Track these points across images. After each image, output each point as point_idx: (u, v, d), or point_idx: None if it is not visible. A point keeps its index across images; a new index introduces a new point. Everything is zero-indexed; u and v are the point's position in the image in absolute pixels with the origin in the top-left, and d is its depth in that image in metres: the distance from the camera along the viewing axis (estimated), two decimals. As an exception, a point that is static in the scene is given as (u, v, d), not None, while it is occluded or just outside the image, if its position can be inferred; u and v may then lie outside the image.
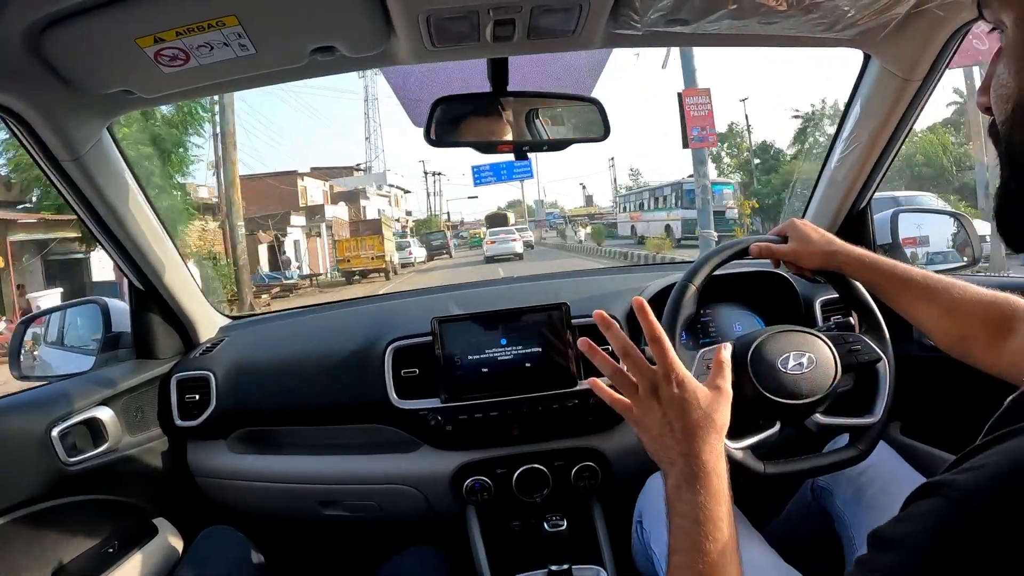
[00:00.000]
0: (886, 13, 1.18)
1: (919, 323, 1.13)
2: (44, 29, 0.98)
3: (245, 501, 1.75)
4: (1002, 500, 0.43)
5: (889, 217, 1.76)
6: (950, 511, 0.46)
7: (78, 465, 1.41)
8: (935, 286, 1.09)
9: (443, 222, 66.02)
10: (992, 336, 1.01)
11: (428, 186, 66.51)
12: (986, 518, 0.43)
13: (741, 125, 37.32)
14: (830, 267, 1.21)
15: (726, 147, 37.07)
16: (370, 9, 1.04)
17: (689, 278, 1.24)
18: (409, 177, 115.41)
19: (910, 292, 1.11)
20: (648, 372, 0.85)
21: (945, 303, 1.07)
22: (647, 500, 1.40)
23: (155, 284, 1.64)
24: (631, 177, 55.65)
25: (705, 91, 14.07)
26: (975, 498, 0.45)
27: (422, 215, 67.72)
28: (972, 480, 0.45)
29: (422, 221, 61.05)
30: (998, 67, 0.57)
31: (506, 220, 49.93)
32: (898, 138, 1.53)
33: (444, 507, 1.65)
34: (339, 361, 1.70)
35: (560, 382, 1.57)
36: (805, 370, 1.17)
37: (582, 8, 1.08)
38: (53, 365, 1.91)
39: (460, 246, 55.79)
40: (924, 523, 0.48)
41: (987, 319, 1.02)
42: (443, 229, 42.41)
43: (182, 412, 1.69)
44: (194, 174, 24.01)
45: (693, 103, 13.78)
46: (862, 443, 1.21)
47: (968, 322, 1.04)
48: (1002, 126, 0.57)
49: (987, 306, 1.03)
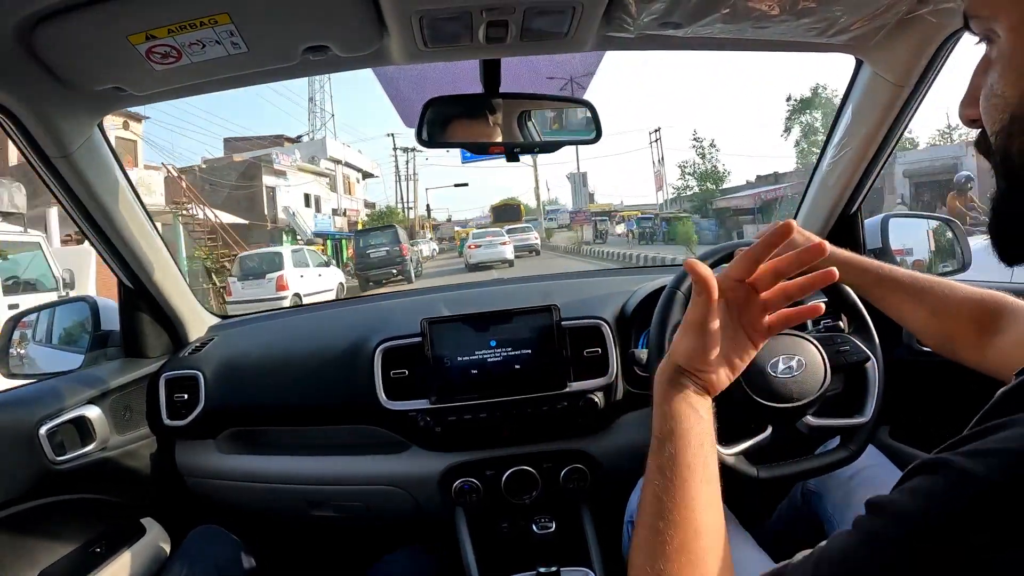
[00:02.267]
0: (878, 19, 1.19)
1: (906, 323, 1.13)
2: (36, 25, 0.98)
3: (233, 501, 1.74)
4: (1007, 486, 0.43)
5: (879, 222, 1.77)
6: (943, 488, 0.46)
7: (66, 464, 1.40)
8: (922, 286, 1.10)
9: (420, 219, 50.20)
10: (979, 334, 1.01)
11: (398, 167, 48.08)
12: (986, 501, 0.44)
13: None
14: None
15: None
16: (363, 9, 1.04)
17: (677, 284, 1.25)
18: (382, 157, 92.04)
19: (897, 293, 1.12)
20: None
21: (932, 303, 1.08)
22: (637, 504, 1.40)
23: (144, 282, 1.64)
24: (695, 150, 37.04)
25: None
26: (974, 481, 0.45)
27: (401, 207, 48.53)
28: (971, 463, 0.46)
29: (380, 215, 42.36)
30: (989, 77, 0.57)
31: (518, 214, 43.89)
32: (889, 144, 1.54)
33: (433, 508, 1.65)
34: (328, 361, 1.70)
35: (550, 384, 1.56)
36: (795, 373, 1.18)
37: (575, 10, 1.08)
38: (41, 363, 1.90)
39: (446, 251, 46.32)
40: (914, 497, 0.48)
41: (974, 317, 1.02)
42: (396, 226, 24.36)
43: (171, 411, 1.68)
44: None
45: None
46: (853, 443, 1.22)
47: (955, 321, 1.05)
48: (996, 136, 0.56)
49: (974, 304, 1.03)
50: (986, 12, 0.56)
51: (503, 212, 44.85)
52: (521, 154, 1.45)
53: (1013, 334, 0.97)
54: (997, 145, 0.56)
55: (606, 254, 27.79)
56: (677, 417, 0.73)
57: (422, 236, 46.24)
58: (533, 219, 45.59)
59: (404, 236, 23.30)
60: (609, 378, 1.58)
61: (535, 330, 1.58)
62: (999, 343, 0.98)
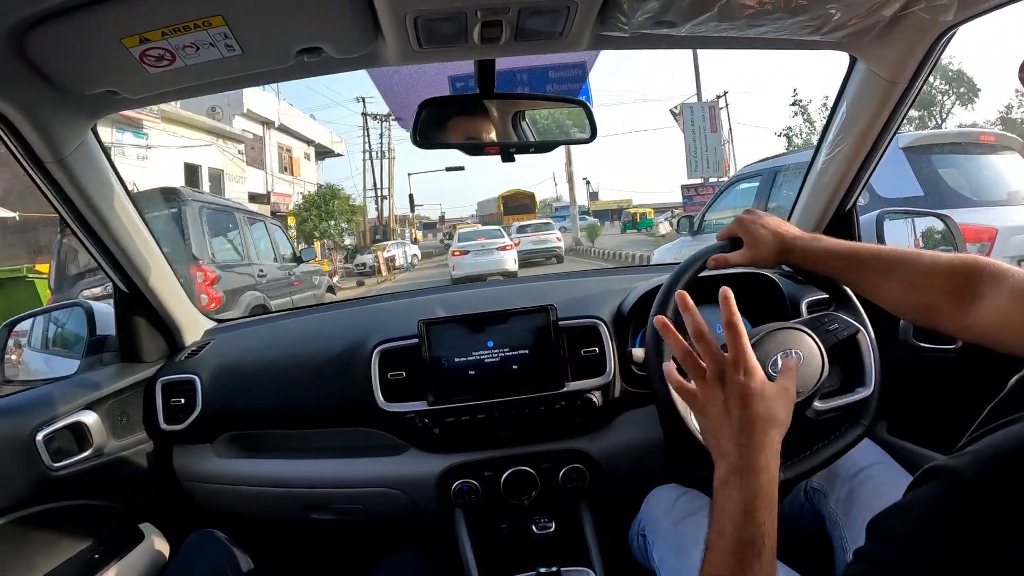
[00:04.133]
0: (872, 16, 1.19)
1: (882, 301, 1.11)
2: (29, 28, 0.97)
3: (231, 505, 1.74)
4: (993, 482, 0.43)
5: (875, 219, 1.77)
6: (947, 498, 0.46)
7: (63, 470, 1.40)
8: (890, 259, 1.08)
9: (399, 216, 37.80)
10: (957, 303, 0.99)
11: (369, 141, 36.12)
12: (976, 499, 0.44)
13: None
14: (784, 264, 1.22)
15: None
16: (357, 10, 1.04)
17: (674, 282, 1.25)
18: (348, 130, 79.68)
19: (865, 271, 1.11)
20: (718, 356, 0.85)
21: (904, 276, 1.06)
22: (649, 513, 1.41)
23: (140, 287, 1.63)
24: (799, 114, 26.46)
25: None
26: (966, 480, 0.45)
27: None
28: (965, 463, 0.46)
29: (315, 201, 29.09)
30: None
31: (530, 207, 36.40)
32: (883, 140, 1.54)
33: (432, 510, 1.65)
34: (325, 364, 1.69)
35: (547, 384, 1.56)
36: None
37: (570, 10, 1.08)
38: (37, 369, 1.90)
39: (436, 254, 34.53)
40: (920, 509, 0.48)
41: (950, 287, 1.00)
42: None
43: (167, 416, 1.67)
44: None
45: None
46: (864, 417, 1.21)
47: (930, 292, 1.02)
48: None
49: (948, 273, 1.00)
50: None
51: (511, 203, 36.78)
52: (516, 154, 1.45)
53: (994, 300, 0.94)
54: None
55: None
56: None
57: (400, 237, 36.18)
58: (560, 212, 36.77)
59: (314, 252, 12.47)
60: (607, 377, 1.58)
61: (532, 330, 1.58)
62: (980, 310, 0.95)
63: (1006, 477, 0.43)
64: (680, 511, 1.32)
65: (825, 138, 1.63)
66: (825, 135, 1.63)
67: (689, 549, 1.22)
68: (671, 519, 1.32)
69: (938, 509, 0.46)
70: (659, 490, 1.44)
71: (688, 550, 1.22)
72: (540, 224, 24.66)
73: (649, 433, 1.61)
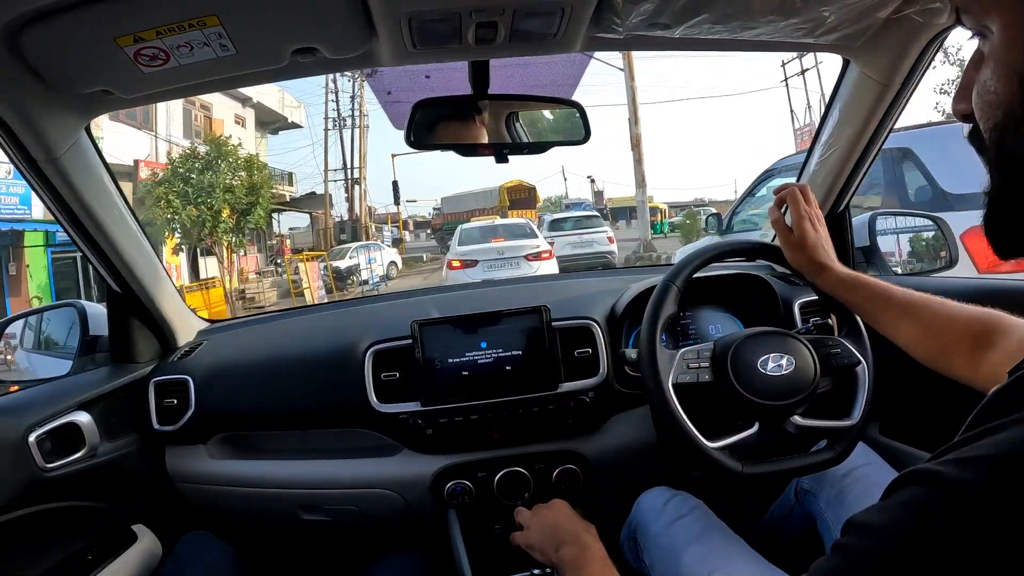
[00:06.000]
0: (865, 19, 1.20)
1: (899, 341, 1.14)
2: (23, 27, 0.97)
3: (225, 506, 1.73)
4: (998, 492, 0.43)
5: (867, 220, 1.78)
6: (934, 501, 0.46)
7: (55, 471, 1.39)
8: (915, 303, 1.11)
9: (374, 211, 31.90)
10: (971, 350, 1.02)
11: (338, 104, 28.28)
12: (978, 510, 0.44)
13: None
14: (811, 282, 1.25)
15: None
16: (352, 10, 1.04)
17: (671, 278, 1.26)
18: (311, 94, 70.76)
19: (890, 311, 1.13)
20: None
21: (925, 320, 1.08)
22: (640, 516, 1.41)
23: (132, 287, 1.62)
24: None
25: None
26: (965, 490, 0.45)
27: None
28: (962, 472, 0.46)
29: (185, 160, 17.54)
30: (982, 73, 0.57)
31: (531, 201, 30.48)
32: (876, 142, 1.55)
33: (425, 511, 1.65)
34: (318, 365, 1.69)
35: (541, 385, 1.57)
36: (784, 372, 1.19)
37: (564, 11, 1.09)
38: (30, 369, 1.89)
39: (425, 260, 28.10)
40: (904, 512, 0.48)
41: (967, 334, 1.03)
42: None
43: (160, 417, 1.67)
44: None
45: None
46: (839, 445, 1.23)
47: (948, 337, 1.05)
48: (990, 132, 0.56)
49: (967, 321, 1.04)
50: (978, 8, 0.56)
51: (513, 196, 30.34)
52: (510, 154, 1.45)
53: (1004, 348, 0.97)
54: (991, 140, 0.56)
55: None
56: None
57: (379, 238, 29.28)
58: (572, 208, 28.58)
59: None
60: (600, 378, 1.58)
61: (525, 331, 1.58)
62: (991, 358, 0.98)
63: (1002, 482, 0.43)
64: (671, 514, 1.33)
65: (818, 139, 1.64)
66: (818, 136, 1.64)
67: (680, 552, 1.22)
68: (662, 522, 1.32)
69: (925, 511, 0.46)
70: (649, 493, 1.44)
71: (679, 553, 1.22)
72: (582, 218, 17.69)
73: (642, 434, 1.61)
